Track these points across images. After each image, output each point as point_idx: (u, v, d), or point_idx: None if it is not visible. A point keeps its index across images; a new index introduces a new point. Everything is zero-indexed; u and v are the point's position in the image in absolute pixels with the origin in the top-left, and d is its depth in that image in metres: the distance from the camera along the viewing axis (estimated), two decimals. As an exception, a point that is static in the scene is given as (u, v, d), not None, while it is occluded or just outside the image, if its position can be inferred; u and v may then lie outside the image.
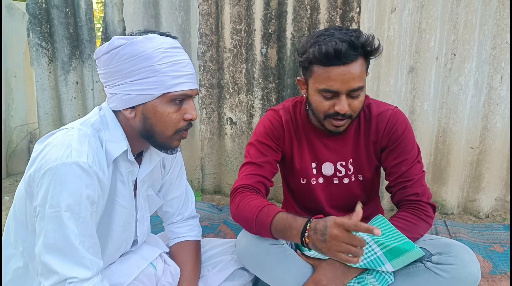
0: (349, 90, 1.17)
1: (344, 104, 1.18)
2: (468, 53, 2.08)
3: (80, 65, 2.71)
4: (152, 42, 0.96)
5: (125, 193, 1.07)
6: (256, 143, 1.38)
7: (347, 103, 1.19)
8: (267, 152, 1.36)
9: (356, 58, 1.15)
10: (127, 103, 0.99)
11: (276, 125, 1.39)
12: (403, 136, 1.32)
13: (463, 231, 2.05)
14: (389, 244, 1.17)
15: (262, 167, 1.34)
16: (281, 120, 1.39)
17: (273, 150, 1.38)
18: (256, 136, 1.40)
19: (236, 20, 2.29)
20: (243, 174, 1.35)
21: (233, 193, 1.31)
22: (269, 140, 1.37)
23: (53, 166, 0.87)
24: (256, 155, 1.36)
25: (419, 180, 1.30)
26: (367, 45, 1.16)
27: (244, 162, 1.38)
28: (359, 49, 1.15)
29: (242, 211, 1.22)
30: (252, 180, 1.31)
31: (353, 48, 1.13)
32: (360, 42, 1.15)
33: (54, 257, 0.88)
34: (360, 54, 1.16)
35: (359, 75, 1.16)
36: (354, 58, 1.14)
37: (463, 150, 2.21)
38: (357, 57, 1.15)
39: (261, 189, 1.31)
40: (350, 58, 1.13)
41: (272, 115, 1.41)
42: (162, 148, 1.07)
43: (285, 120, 1.39)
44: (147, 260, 1.17)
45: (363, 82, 1.19)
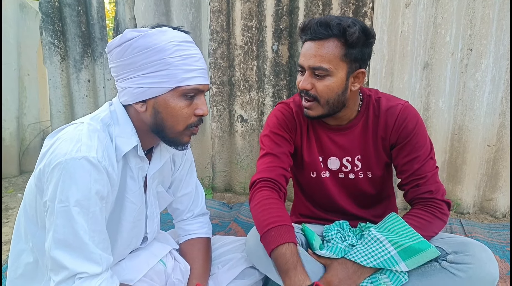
0: (310, 66, 1.17)
1: (305, 81, 1.19)
2: (485, 48, 2.03)
3: (92, 63, 2.73)
4: (165, 35, 0.95)
5: (135, 189, 1.06)
6: (271, 134, 1.35)
7: (309, 81, 1.19)
8: (282, 143, 1.34)
9: (325, 37, 1.15)
10: (139, 97, 0.98)
11: (288, 116, 1.37)
12: (414, 132, 1.27)
13: (479, 230, 2.00)
14: (404, 243, 1.14)
15: (280, 158, 1.31)
16: (292, 111, 1.37)
17: (287, 141, 1.35)
18: (270, 127, 1.37)
19: (247, 16, 2.28)
20: (263, 165, 1.31)
21: (254, 186, 1.27)
22: (282, 131, 1.35)
23: (62, 160, 0.87)
24: (272, 146, 1.33)
25: (432, 177, 1.27)
26: (341, 26, 1.13)
27: (261, 153, 1.35)
28: (331, 29, 1.14)
29: (256, 216, 1.20)
30: (274, 173, 1.27)
31: (324, 26, 1.14)
32: (334, 22, 1.14)
33: (64, 252, 0.87)
34: (333, 35, 1.14)
35: (324, 55, 1.15)
36: (322, 36, 1.15)
37: (479, 148, 2.16)
38: (327, 37, 1.14)
39: (282, 182, 1.28)
40: (318, 35, 1.15)
41: (283, 107, 1.40)
42: (173, 144, 1.06)
43: (295, 111, 1.37)
44: (157, 257, 1.16)
45: (329, 65, 1.16)
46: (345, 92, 1.22)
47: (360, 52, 1.18)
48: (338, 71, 1.18)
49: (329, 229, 1.33)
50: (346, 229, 1.33)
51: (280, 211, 1.19)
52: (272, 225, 1.13)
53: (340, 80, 1.19)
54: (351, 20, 1.16)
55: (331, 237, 1.30)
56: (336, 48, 1.15)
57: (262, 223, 1.16)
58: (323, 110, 1.23)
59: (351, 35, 1.13)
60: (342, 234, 1.31)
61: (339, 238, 1.29)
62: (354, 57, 1.18)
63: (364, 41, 1.18)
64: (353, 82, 1.23)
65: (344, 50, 1.16)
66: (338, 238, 1.29)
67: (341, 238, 1.29)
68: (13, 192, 2.65)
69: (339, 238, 1.29)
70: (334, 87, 1.19)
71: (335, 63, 1.16)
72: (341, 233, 1.31)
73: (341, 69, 1.18)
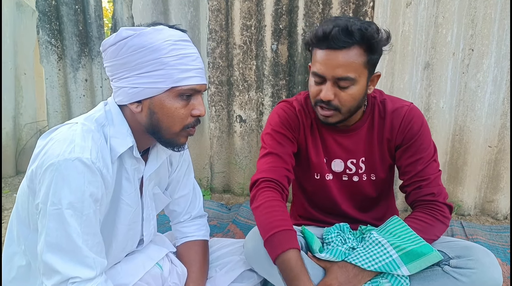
0: (335, 77, 1.12)
1: (328, 91, 1.14)
2: (487, 48, 2.01)
3: (89, 62, 2.70)
4: (160, 33, 0.93)
5: (131, 191, 1.04)
6: (273, 133, 1.32)
7: (333, 92, 1.15)
8: (285, 142, 1.31)
9: (349, 46, 1.10)
10: (134, 97, 0.95)
11: (291, 115, 1.34)
12: (419, 133, 1.26)
13: (480, 233, 1.98)
14: (406, 246, 1.12)
15: (283, 158, 1.29)
16: (295, 110, 1.34)
17: (290, 141, 1.32)
18: (272, 125, 1.34)
19: (246, 15, 2.25)
20: (265, 165, 1.28)
21: (256, 185, 1.24)
22: (285, 129, 1.32)
23: (55, 161, 0.84)
24: (275, 145, 1.30)
25: (435, 179, 1.25)
26: (365, 34, 1.09)
27: (263, 152, 1.32)
28: (354, 36, 1.09)
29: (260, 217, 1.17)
30: (277, 174, 1.25)
31: (346, 34, 1.09)
32: (357, 29, 1.09)
33: (56, 256, 0.85)
34: (356, 43, 1.10)
35: (349, 64, 1.11)
36: (345, 45, 1.10)
37: (480, 149, 2.14)
38: (350, 45, 1.10)
39: (285, 184, 1.26)
40: (341, 44, 1.09)
41: (285, 106, 1.37)
42: (169, 145, 1.04)
43: (298, 109, 1.34)
44: (153, 260, 1.14)
45: (355, 74, 1.12)
46: (364, 97, 1.22)
47: (378, 56, 1.17)
48: (361, 79, 1.15)
49: (329, 231, 1.31)
50: (346, 232, 1.31)
51: (284, 215, 1.16)
52: (277, 229, 1.11)
53: (362, 87, 1.17)
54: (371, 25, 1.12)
55: (331, 240, 1.28)
56: (360, 56, 1.12)
57: (266, 226, 1.14)
58: (342, 117, 1.21)
59: (377, 44, 1.12)
60: (343, 236, 1.29)
61: (339, 241, 1.27)
62: (374, 62, 1.17)
63: (384, 45, 1.16)
64: (369, 86, 1.22)
65: (367, 57, 1.13)
66: (338, 240, 1.27)
67: (341, 241, 1.27)
68: (9, 192, 2.62)
69: (339, 241, 1.27)
70: (357, 95, 1.17)
71: (359, 71, 1.14)
72: (341, 236, 1.29)
73: (364, 76, 1.16)
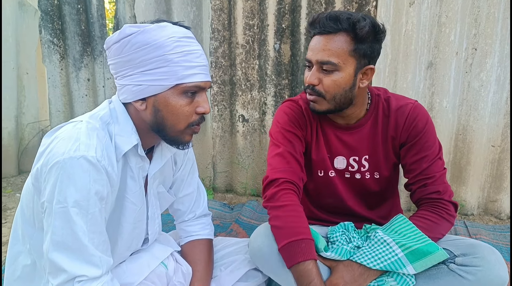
0: (318, 61, 1.15)
1: (312, 75, 1.17)
2: (490, 47, 2.01)
3: (91, 62, 2.70)
4: (164, 30, 0.92)
5: (135, 190, 1.03)
6: (283, 131, 1.31)
7: (316, 77, 1.17)
8: (295, 141, 1.30)
9: (335, 31, 1.13)
10: (138, 95, 0.95)
11: (298, 113, 1.34)
12: (424, 131, 1.26)
13: (484, 232, 1.97)
14: (411, 245, 1.12)
15: (297, 159, 1.28)
16: (301, 108, 1.34)
17: (299, 140, 1.32)
18: (281, 124, 1.32)
19: (249, 15, 2.25)
20: (283, 164, 1.26)
21: (278, 184, 1.22)
22: (294, 127, 1.31)
23: (60, 160, 0.84)
24: (287, 144, 1.29)
25: (440, 177, 1.25)
26: (351, 21, 1.12)
27: (277, 150, 1.29)
28: (340, 22, 1.12)
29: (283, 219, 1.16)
30: (295, 176, 1.25)
31: (333, 20, 1.13)
32: (344, 16, 1.12)
33: (62, 254, 0.85)
34: (342, 30, 1.13)
35: (333, 49, 1.13)
36: (331, 30, 1.13)
37: (484, 148, 2.14)
38: (336, 31, 1.13)
39: (301, 186, 1.27)
40: (327, 29, 1.13)
41: (292, 105, 1.36)
42: (174, 143, 1.03)
43: (304, 108, 1.34)
44: (158, 259, 1.13)
45: (338, 60, 1.14)
46: (353, 88, 1.20)
47: (369, 48, 1.16)
48: (346, 66, 1.16)
49: (334, 230, 1.31)
50: (351, 231, 1.31)
51: (306, 223, 1.17)
52: (301, 236, 1.12)
53: (348, 76, 1.17)
54: (361, 15, 1.14)
55: (335, 239, 1.27)
56: (345, 42, 1.13)
57: (291, 230, 1.13)
58: (329, 105, 1.21)
59: (361, 29, 1.11)
60: (347, 235, 1.28)
61: (344, 240, 1.26)
62: (363, 53, 1.16)
63: (374, 36, 1.15)
64: (362, 79, 1.21)
65: (353, 45, 1.14)
66: (343, 239, 1.26)
67: (346, 240, 1.27)
68: (12, 192, 2.62)
69: (344, 240, 1.26)
70: (341, 83, 1.17)
71: (343, 57, 1.14)
72: (346, 235, 1.28)
73: (350, 65, 1.16)
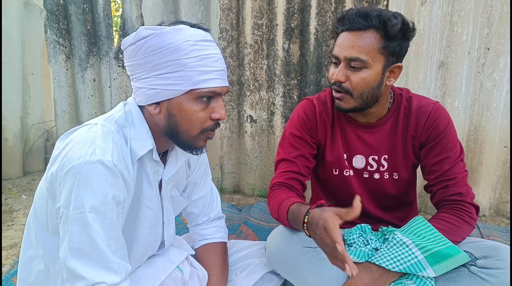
0: (346, 57, 1.13)
1: (339, 72, 1.16)
2: (503, 47, 1.98)
3: (97, 62, 2.68)
4: (181, 33, 0.90)
5: (151, 194, 1.01)
6: (289, 136, 1.34)
7: (344, 73, 1.15)
8: (300, 145, 1.33)
9: (364, 28, 1.11)
10: (152, 99, 0.93)
11: (310, 115, 1.34)
12: (445, 132, 1.24)
13: (496, 234, 1.95)
14: (432, 247, 1.10)
15: (295, 163, 1.31)
16: (314, 109, 1.34)
17: (307, 143, 1.33)
18: (290, 128, 1.36)
19: (257, 14, 2.23)
20: (277, 171, 1.33)
21: (269, 192, 1.31)
22: (302, 132, 1.33)
23: (76, 164, 0.82)
24: (289, 150, 1.33)
25: (462, 179, 1.23)
26: (381, 18, 1.10)
27: (277, 158, 1.36)
28: (370, 19, 1.10)
29: (270, 208, 1.26)
30: (285, 177, 1.29)
31: (363, 17, 1.11)
32: (374, 13, 1.11)
33: (80, 261, 0.82)
34: (372, 27, 1.11)
35: (362, 46, 1.11)
36: (361, 26, 1.11)
37: (496, 149, 2.11)
38: (366, 27, 1.11)
39: (295, 185, 1.30)
40: (357, 25, 1.11)
41: (306, 105, 1.37)
42: (187, 148, 1.00)
43: (318, 111, 1.33)
44: (173, 264, 1.11)
45: (367, 57, 1.12)
46: (380, 86, 1.18)
47: (398, 46, 1.15)
48: (375, 64, 1.14)
49: (351, 232, 1.29)
50: (368, 233, 1.29)
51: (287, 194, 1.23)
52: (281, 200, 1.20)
53: (376, 73, 1.15)
54: (392, 12, 1.13)
55: (353, 241, 1.25)
56: (374, 39, 1.12)
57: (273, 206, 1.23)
58: (355, 103, 1.20)
59: (392, 27, 1.10)
60: (365, 237, 1.26)
61: (361, 242, 1.24)
62: (392, 50, 1.14)
63: (404, 34, 1.14)
64: (389, 77, 1.20)
65: (383, 43, 1.12)
66: (360, 241, 1.24)
67: (363, 242, 1.25)
68: (17, 193, 2.60)
69: (362, 242, 1.24)
70: (369, 80, 1.15)
71: (372, 55, 1.13)
72: (363, 237, 1.27)
73: (378, 62, 1.14)
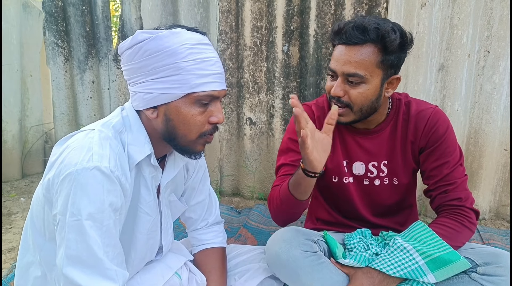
0: (344, 73, 1.12)
1: (337, 87, 1.14)
2: (503, 50, 1.98)
3: (96, 64, 2.67)
4: (177, 37, 0.89)
5: (149, 200, 1.00)
6: (288, 142, 1.35)
7: (342, 88, 1.14)
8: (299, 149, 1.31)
9: (362, 42, 1.09)
10: (149, 103, 0.92)
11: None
12: (445, 136, 1.23)
13: (496, 237, 1.94)
14: (432, 253, 1.09)
15: (295, 166, 1.29)
16: (313, 115, 1.33)
17: None
18: (289, 133, 1.36)
19: (257, 17, 2.22)
20: (277, 176, 1.33)
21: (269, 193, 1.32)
22: None
23: (73, 171, 0.81)
24: (288, 155, 1.33)
25: (461, 184, 1.22)
26: (379, 32, 1.07)
27: (277, 164, 1.36)
28: (368, 33, 1.08)
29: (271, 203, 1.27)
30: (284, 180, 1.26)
31: (360, 31, 1.09)
32: (372, 27, 1.07)
33: (77, 269, 0.81)
34: (370, 41, 1.09)
35: (360, 61, 1.09)
36: (358, 41, 1.09)
37: (496, 152, 2.11)
38: (363, 42, 1.09)
39: None
40: (354, 40, 1.09)
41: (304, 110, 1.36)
42: (185, 153, 1.00)
43: (317, 116, 1.33)
44: (172, 269, 1.10)
45: (365, 72, 1.10)
46: (379, 99, 1.18)
47: (397, 58, 1.13)
48: (373, 79, 1.13)
49: (351, 237, 1.28)
50: (368, 237, 1.28)
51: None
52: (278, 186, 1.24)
53: (374, 87, 1.14)
54: (390, 25, 1.10)
55: (353, 246, 1.25)
56: (372, 54, 1.10)
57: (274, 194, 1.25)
58: (355, 116, 1.19)
59: (391, 43, 1.08)
60: (365, 242, 1.26)
61: (361, 247, 1.24)
62: (390, 63, 1.13)
63: (403, 47, 1.13)
64: (387, 88, 1.19)
65: (381, 57, 1.11)
66: (360, 246, 1.24)
67: (363, 247, 1.24)
68: (16, 196, 2.58)
69: (362, 247, 1.24)
70: (368, 95, 1.14)
71: (370, 69, 1.11)
72: (363, 242, 1.26)
73: (377, 76, 1.13)
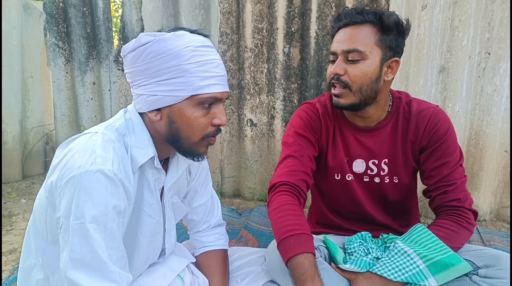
0: (344, 50, 1.16)
1: (337, 65, 1.17)
2: (504, 51, 1.98)
3: (97, 65, 2.67)
4: (181, 39, 0.89)
5: (152, 202, 1.01)
6: (295, 136, 1.30)
7: (342, 67, 1.17)
8: (306, 145, 1.29)
9: (361, 22, 1.15)
10: (153, 105, 0.92)
11: (314, 117, 1.33)
12: (445, 136, 1.23)
13: (497, 239, 1.94)
14: (433, 256, 1.09)
15: (302, 161, 1.26)
16: (318, 112, 1.33)
17: (312, 144, 1.30)
18: (294, 127, 1.32)
19: (258, 18, 2.22)
20: (284, 169, 1.26)
21: (273, 190, 1.23)
22: (307, 132, 1.31)
23: (77, 174, 0.81)
24: (296, 148, 1.28)
25: (461, 185, 1.22)
26: (376, 12, 1.14)
27: (282, 156, 1.30)
28: (366, 14, 1.14)
29: (275, 221, 1.16)
30: (294, 177, 1.23)
31: (359, 12, 1.15)
32: (370, 10, 1.15)
33: (81, 272, 0.82)
34: (368, 21, 1.15)
35: (359, 37, 1.15)
36: (358, 20, 1.15)
37: (496, 153, 2.11)
38: (362, 22, 1.15)
39: (303, 188, 1.23)
40: (353, 19, 1.15)
41: (308, 107, 1.35)
42: (188, 154, 1.00)
43: (321, 112, 1.32)
44: (174, 272, 1.10)
45: (364, 48, 1.14)
46: (378, 80, 1.19)
47: (394, 40, 1.17)
48: (372, 55, 1.16)
49: (351, 241, 1.28)
50: (368, 241, 1.28)
51: (300, 219, 1.14)
52: (291, 233, 1.09)
53: (374, 65, 1.17)
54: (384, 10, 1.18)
55: (353, 250, 1.25)
56: (371, 33, 1.15)
57: (281, 230, 1.11)
58: (354, 98, 1.19)
59: (388, 18, 1.14)
60: (365, 246, 1.25)
61: (362, 251, 1.23)
62: (388, 44, 1.17)
63: (399, 29, 1.17)
64: (387, 72, 1.20)
65: (379, 36, 1.16)
66: (361, 250, 1.23)
67: (364, 251, 1.24)
68: (16, 197, 2.59)
69: (362, 251, 1.23)
70: (368, 72, 1.16)
71: (370, 46, 1.15)
72: (364, 246, 1.26)
73: (376, 54, 1.16)
